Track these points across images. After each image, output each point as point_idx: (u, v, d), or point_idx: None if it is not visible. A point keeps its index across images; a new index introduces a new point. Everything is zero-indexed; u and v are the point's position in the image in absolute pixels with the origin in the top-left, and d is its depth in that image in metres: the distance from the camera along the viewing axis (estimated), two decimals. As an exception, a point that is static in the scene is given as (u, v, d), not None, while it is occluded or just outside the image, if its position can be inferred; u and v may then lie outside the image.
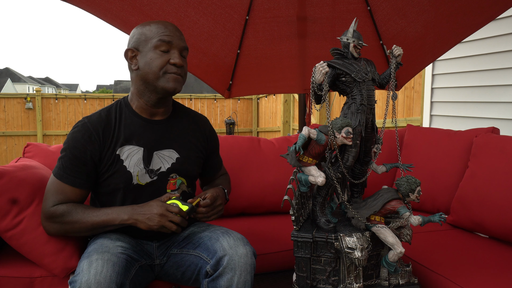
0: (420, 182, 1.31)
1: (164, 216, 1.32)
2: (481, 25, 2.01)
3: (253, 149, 2.21)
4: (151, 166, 1.44)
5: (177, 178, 1.49)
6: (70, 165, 1.38)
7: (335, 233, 1.30)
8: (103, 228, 1.37)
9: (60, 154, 1.40)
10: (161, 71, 1.38)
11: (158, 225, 1.31)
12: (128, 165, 1.41)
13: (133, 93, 1.47)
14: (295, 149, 1.25)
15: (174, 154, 1.48)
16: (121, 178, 1.41)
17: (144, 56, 1.39)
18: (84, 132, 1.39)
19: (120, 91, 30.29)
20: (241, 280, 1.28)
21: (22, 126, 8.25)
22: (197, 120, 1.59)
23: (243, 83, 2.55)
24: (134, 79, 1.44)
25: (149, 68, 1.38)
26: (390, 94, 1.38)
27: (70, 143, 1.39)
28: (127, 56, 1.43)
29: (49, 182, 1.40)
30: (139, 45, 1.40)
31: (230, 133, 8.87)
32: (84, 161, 1.38)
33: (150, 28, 1.40)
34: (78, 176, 1.38)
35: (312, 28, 2.22)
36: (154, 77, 1.38)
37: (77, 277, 1.19)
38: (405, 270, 1.36)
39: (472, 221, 1.81)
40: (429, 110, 3.59)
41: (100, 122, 1.41)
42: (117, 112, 1.45)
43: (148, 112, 1.46)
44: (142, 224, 1.33)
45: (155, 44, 1.38)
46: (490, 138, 1.89)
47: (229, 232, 1.41)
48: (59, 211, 1.36)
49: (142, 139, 1.44)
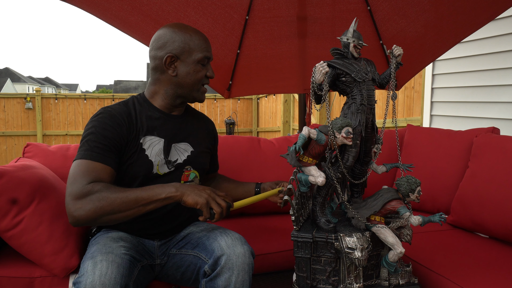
0: (420, 182, 1.31)
1: (212, 196, 1.29)
2: (481, 25, 2.01)
3: (253, 149, 2.21)
4: (169, 157, 1.48)
5: (191, 171, 1.54)
6: (99, 144, 1.34)
7: (335, 233, 1.30)
8: (147, 204, 1.28)
9: (85, 138, 1.36)
10: (200, 83, 1.49)
11: (205, 201, 1.27)
12: (150, 155, 1.44)
13: (156, 92, 1.51)
14: (295, 149, 1.25)
15: (189, 147, 1.54)
16: (142, 167, 1.42)
17: (186, 66, 1.45)
18: (110, 117, 1.39)
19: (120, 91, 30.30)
20: (239, 280, 1.28)
21: (22, 126, 8.24)
22: (205, 120, 1.70)
23: (243, 83, 2.55)
24: (164, 81, 1.48)
25: (189, 79, 1.47)
26: (390, 94, 1.37)
27: (97, 126, 1.37)
28: (165, 61, 1.44)
29: (74, 167, 1.31)
30: (181, 54, 1.45)
31: (230, 133, 8.87)
32: (113, 141, 1.36)
33: (192, 38, 1.45)
34: (108, 155, 1.35)
35: (312, 28, 2.22)
36: (191, 88, 1.48)
37: (82, 278, 1.19)
38: (405, 270, 1.36)
39: (472, 221, 1.81)
40: (429, 110, 3.59)
41: (124, 111, 1.43)
42: (135, 105, 1.48)
43: (168, 108, 1.52)
44: (189, 197, 1.27)
45: (199, 58, 1.45)
46: (490, 138, 1.89)
47: (227, 232, 1.41)
48: (97, 188, 1.26)
49: (163, 131, 1.49)
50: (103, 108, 1.43)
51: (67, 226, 1.52)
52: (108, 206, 1.23)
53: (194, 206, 1.27)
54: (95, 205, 1.23)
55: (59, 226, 1.49)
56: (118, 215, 1.26)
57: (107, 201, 1.24)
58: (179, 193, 1.28)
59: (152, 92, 1.51)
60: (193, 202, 1.27)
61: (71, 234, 1.52)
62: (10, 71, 40.76)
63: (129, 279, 1.24)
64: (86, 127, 1.39)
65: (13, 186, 1.45)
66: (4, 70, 40.44)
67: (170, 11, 2.01)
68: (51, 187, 1.57)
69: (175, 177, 1.49)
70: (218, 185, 1.77)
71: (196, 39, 1.46)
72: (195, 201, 1.27)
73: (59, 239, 1.47)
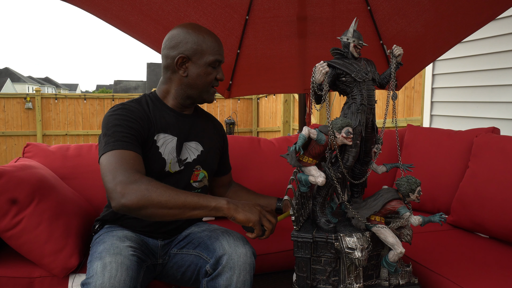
0: (420, 182, 1.31)
1: (263, 213, 1.29)
2: (481, 25, 2.01)
3: (253, 149, 2.20)
4: (180, 156, 1.49)
5: (201, 170, 1.54)
6: (128, 134, 1.32)
7: (335, 233, 1.30)
8: (192, 209, 1.23)
9: (111, 130, 1.32)
10: (210, 85, 1.49)
11: (258, 218, 1.26)
12: (163, 152, 1.44)
13: (167, 91, 1.51)
14: (295, 149, 1.25)
15: (199, 147, 1.55)
16: (155, 164, 1.43)
17: (197, 68, 1.45)
18: (130, 111, 1.39)
19: (120, 91, 30.30)
20: (240, 280, 1.28)
21: (22, 126, 8.24)
22: (214, 121, 1.70)
23: (243, 83, 2.55)
24: (175, 81, 1.49)
25: (200, 81, 1.47)
26: (390, 94, 1.37)
27: (121, 119, 1.35)
28: (176, 61, 1.44)
29: (109, 158, 1.26)
30: (193, 55, 1.44)
31: (230, 133, 8.87)
32: (138, 133, 1.36)
33: (205, 40, 1.45)
34: (137, 144, 1.34)
35: (312, 28, 2.21)
36: (201, 89, 1.48)
37: (91, 280, 1.18)
38: (405, 270, 1.36)
39: (473, 221, 1.81)
40: (429, 110, 3.59)
41: (139, 108, 1.43)
42: (148, 103, 1.48)
43: (179, 107, 1.53)
44: (240, 214, 1.25)
45: (211, 61, 1.45)
46: (491, 138, 1.89)
47: (228, 232, 1.41)
48: (145, 178, 1.23)
49: (176, 129, 1.49)
50: (120, 103, 1.42)
51: (66, 226, 1.52)
52: (157, 197, 1.20)
53: (245, 223, 1.26)
54: (144, 194, 1.19)
55: (59, 226, 1.49)
56: (163, 211, 1.21)
57: (156, 193, 1.20)
58: (230, 208, 1.26)
59: (164, 91, 1.52)
60: (245, 219, 1.26)
61: (71, 234, 1.51)
62: (10, 71, 40.76)
63: (137, 281, 1.24)
64: (106, 122, 1.35)
65: (13, 186, 1.45)
66: (4, 70, 40.43)
67: (170, 11, 2.01)
68: (51, 187, 1.57)
69: (185, 176, 1.50)
70: (236, 194, 1.73)
71: (209, 41, 1.45)
72: (247, 219, 1.26)
73: (59, 239, 1.47)
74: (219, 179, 1.72)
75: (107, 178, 1.23)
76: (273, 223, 1.30)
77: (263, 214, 1.29)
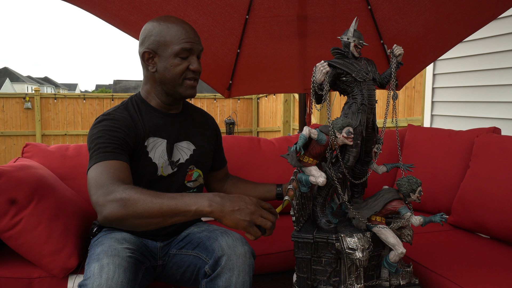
0: (421, 182, 1.31)
1: (258, 212, 1.16)
2: (481, 24, 2.00)
3: (253, 149, 2.20)
4: (172, 158, 1.46)
5: (195, 170, 1.52)
6: (110, 144, 1.28)
7: (336, 233, 1.29)
8: (172, 216, 1.13)
9: (94, 143, 1.29)
10: (181, 77, 1.40)
11: (246, 224, 1.14)
12: (153, 157, 1.41)
13: (148, 91, 1.47)
14: (296, 149, 1.24)
15: (191, 146, 1.51)
16: (146, 169, 1.40)
17: (164, 61, 1.38)
18: (115, 120, 1.34)
19: (119, 91, 30.28)
20: (239, 280, 1.27)
21: (21, 126, 8.24)
22: (205, 116, 1.65)
23: (243, 83, 2.54)
24: (150, 79, 1.44)
25: (168, 74, 1.39)
26: (390, 94, 1.37)
27: (104, 130, 1.30)
28: (143, 58, 1.41)
29: (92, 172, 1.23)
30: (157, 49, 1.37)
31: (230, 133, 8.87)
32: (123, 141, 1.32)
33: (169, 31, 1.36)
34: (120, 152, 1.29)
35: (313, 28, 2.21)
36: (173, 83, 1.40)
37: (88, 281, 1.17)
38: (406, 270, 1.36)
39: (473, 222, 1.80)
40: (430, 110, 3.59)
41: (126, 116, 1.38)
42: (135, 107, 1.44)
43: (164, 107, 1.48)
44: (229, 220, 1.13)
45: (177, 51, 1.36)
46: (492, 138, 1.88)
47: (228, 232, 1.40)
48: (122, 186, 1.16)
49: (165, 131, 1.45)
50: (105, 113, 1.38)
51: (66, 226, 1.51)
52: (132, 208, 1.12)
53: (235, 229, 1.15)
54: (119, 204, 1.12)
55: (58, 226, 1.49)
56: (143, 221, 1.13)
57: (131, 202, 1.13)
58: (214, 210, 1.13)
59: (146, 91, 1.47)
60: (233, 225, 1.14)
61: (70, 235, 1.51)
62: (9, 71, 40.75)
63: (135, 283, 1.23)
64: (90, 136, 1.33)
65: (12, 186, 1.44)
66: (3, 70, 40.42)
67: (170, 10, 2.01)
68: (50, 187, 1.56)
69: (179, 178, 1.48)
70: (234, 187, 1.70)
71: (173, 31, 1.36)
72: (235, 224, 1.14)
73: (58, 240, 1.46)
74: (215, 174, 1.70)
75: (90, 192, 1.19)
76: (272, 221, 1.18)
77: (258, 214, 1.16)
